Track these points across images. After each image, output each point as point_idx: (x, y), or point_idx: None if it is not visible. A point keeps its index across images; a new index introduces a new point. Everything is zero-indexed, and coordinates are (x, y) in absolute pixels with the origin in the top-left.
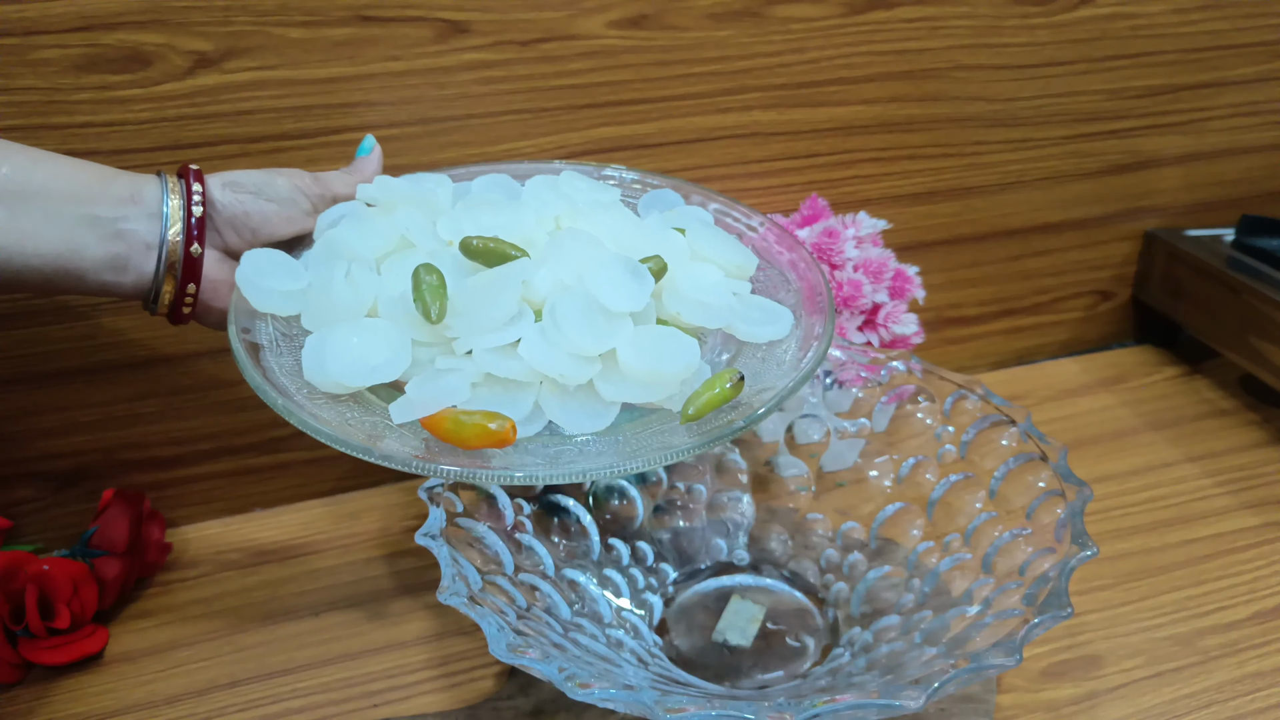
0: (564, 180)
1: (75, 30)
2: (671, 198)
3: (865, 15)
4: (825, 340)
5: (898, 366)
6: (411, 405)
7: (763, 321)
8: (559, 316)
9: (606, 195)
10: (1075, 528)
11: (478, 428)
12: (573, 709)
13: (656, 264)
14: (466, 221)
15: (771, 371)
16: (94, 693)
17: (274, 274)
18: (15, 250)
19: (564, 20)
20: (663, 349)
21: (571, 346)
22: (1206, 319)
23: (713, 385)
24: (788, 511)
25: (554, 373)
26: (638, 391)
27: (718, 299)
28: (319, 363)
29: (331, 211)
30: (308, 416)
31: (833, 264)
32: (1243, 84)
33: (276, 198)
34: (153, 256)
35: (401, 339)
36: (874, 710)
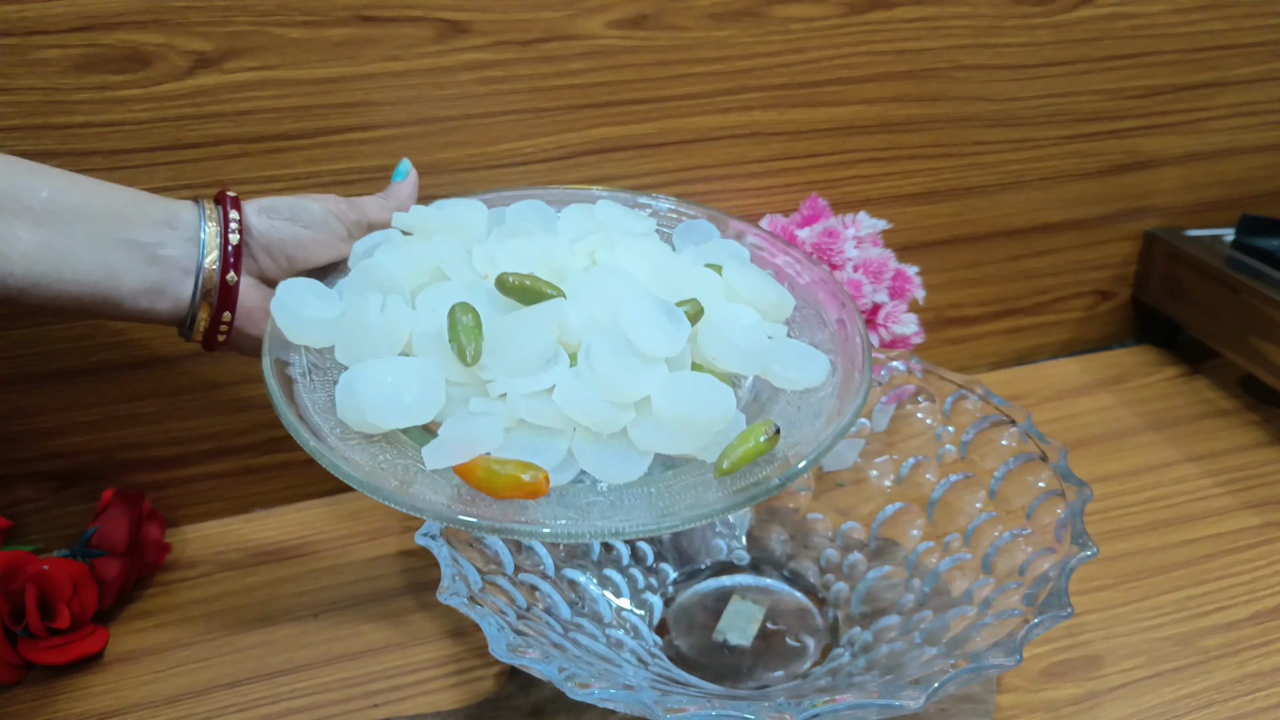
0: (599, 209)
1: (75, 30)
2: (707, 229)
3: (865, 15)
4: (863, 392)
5: (898, 366)
6: (445, 451)
7: (798, 367)
8: (594, 360)
9: (641, 225)
10: (1075, 528)
11: (511, 479)
12: (573, 709)
13: (693, 307)
14: (501, 252)
15: (807, 421)
16: (94, 693)
17: (309, 303)
18: (53, 274)
19: (564, 20)
20: (698, 396)
21: (606, 391)
22: (1206, 319)
23: (748, 438)
24: (788, 511)
25: (588, 421)
26: (672, 441)
27: (754, 343)
28: (352, 401)
29: (367, 239)
30: (339, 461)
31: (833, 264)
32: (1243, 84)
33: (312, 223)
34: (189, 283)
35: (435, 378)
36: (874, 710)
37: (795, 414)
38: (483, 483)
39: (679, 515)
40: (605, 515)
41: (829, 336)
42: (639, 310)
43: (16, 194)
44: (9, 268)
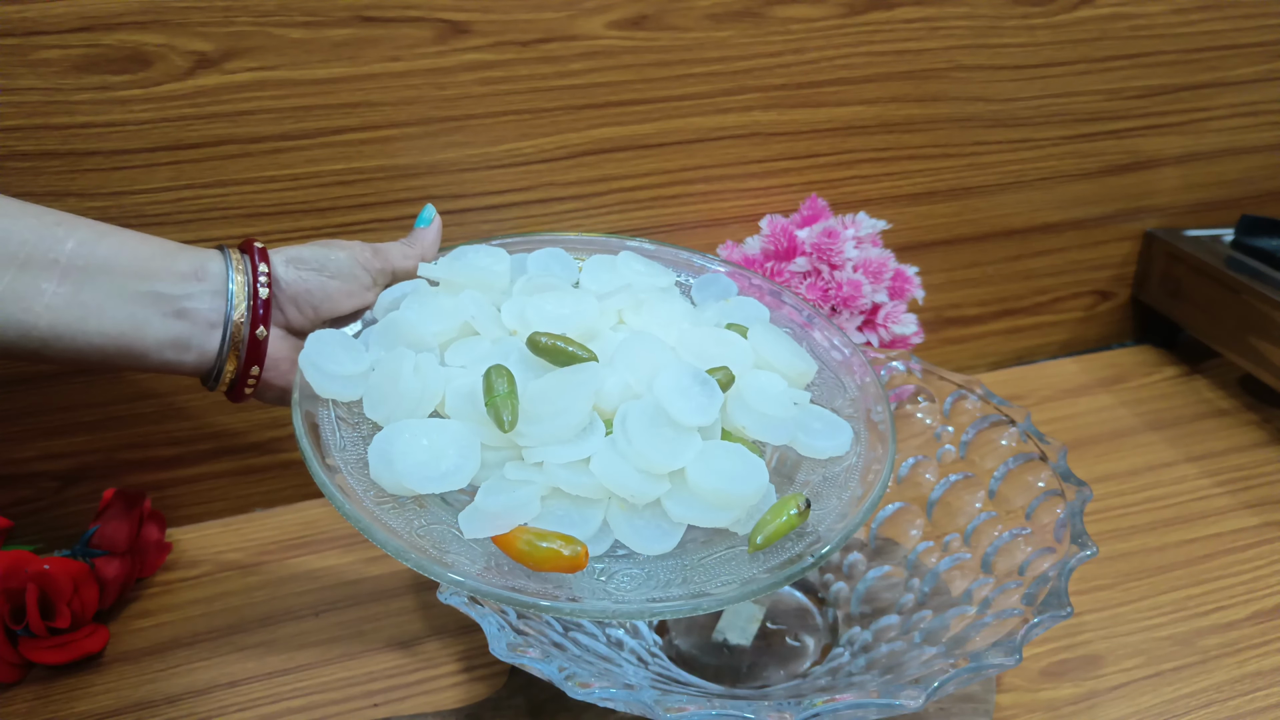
0: (622, 262)
1: (76, 31)
2: (726, 284)
3: (865, 15)
4: (887, 468)
5: (897, 366)
6: (483, 521)
7: (824, 436)
8: (630, 430)
9: (663, 279)
10: (1075, 527)
11: (552, 553)
12: (573, 709)
13: (724, 375)
14: (530, 309)
15: (833, 491)
16: (94, 692)
17: (338, 358)
18: (78, 326)
19: (564, 21)
20: (732, 470)
21: (642, 462)
22: (1206, 319)
23: (780, 512)
24: None
25: (625, 492)
26: (706, 514)
27: (783, 412)
28: (387, 464)
29: (393, 290)
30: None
31: (832, 264)
32: (1243, 84)
33: (339, 274)
34: (216, 335)
35: (472, 444)
36: (874, 710)
37: (820, 483)
38: (523, 555)
39: (717, 596)
40: (641, 592)
41: (849, 402)
42: (673, 379)
43: (43, 246)
44: (34, 320)
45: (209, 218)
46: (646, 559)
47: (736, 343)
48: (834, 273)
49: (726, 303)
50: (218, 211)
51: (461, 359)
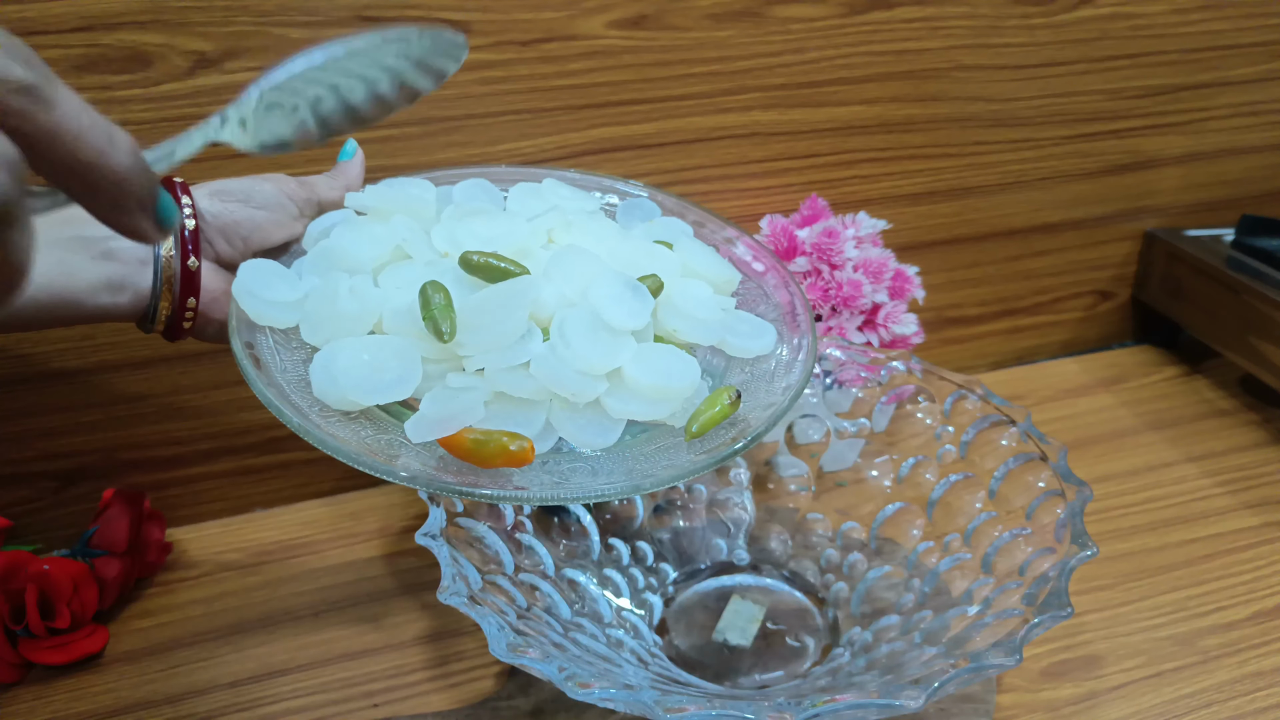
0: (547, 188)
1: (76, 30)
2: (649, 207)
3: (865, 15)
4: (810, 356)
5: (898, 366)
6: (430, 425)
7: (750, 336)
8: (568, 334)
9: (589, 203)
10: (1075, 528)
11: (498, 447)
12: (573, 709)
13: (654, 282)
14: (461, 231)
15: (761, 386)
16: (94, 693)
17: (272, 285)
18: None
19: (564, 20)
20: (667, 366)
21: (581, 364)
22: (1206, 319)
23: (713, 403)
24: (788, 511)
25: (565, 391)
26: (644, 408)
27: (710, 315)
28: (330, 380)
29: (322, 219)
30: (326, 437)
31: (833, 264)
32: (1243, 84)
33: (265, 204)
34: (148, 272)
35: (412, 355)
36: (874, 710)
37: (750, 380)
38: (470, 453)
39: (656, 477)
40: (586, 478)
41: (772, 307)
42: (606, 287)
43: None
44: None
45: None
46: (590, 455)
47: (664, 254)
48: (834, 273)
49: (651, 223)
50: None
51: (396, 282)
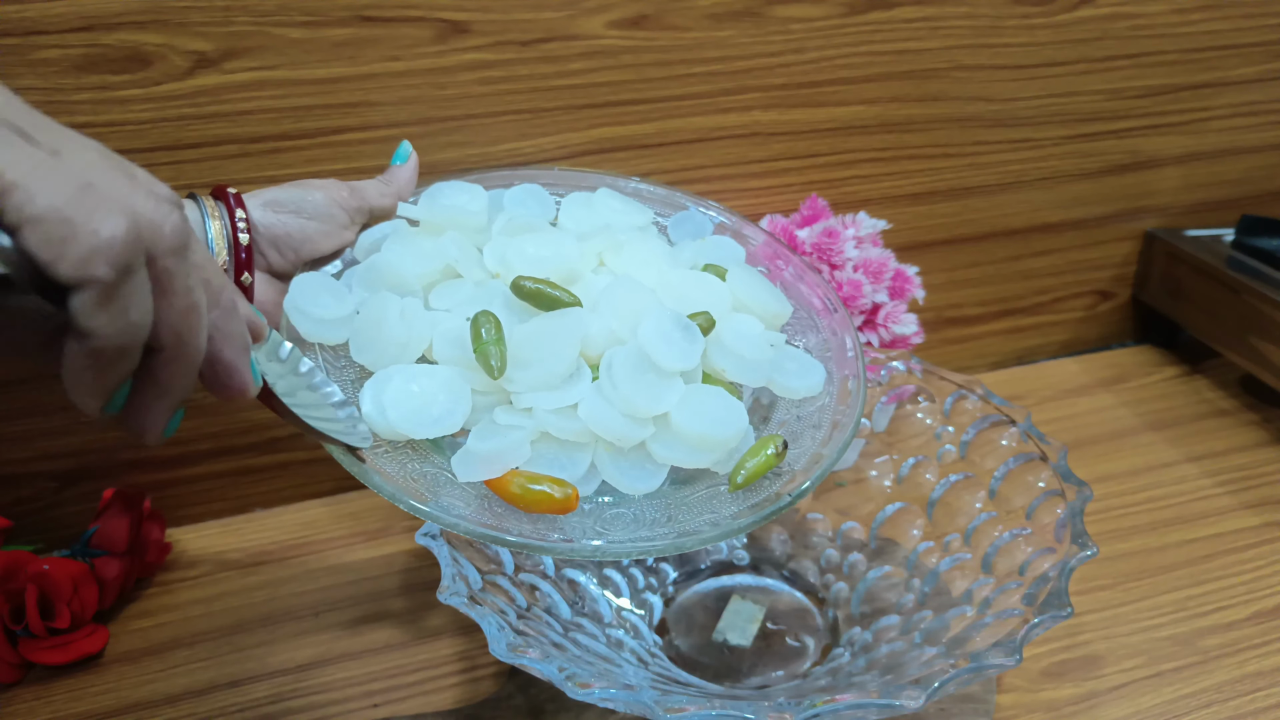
0: (599, 200)
1: (76, 30)
2: (701, 222)
3: (865, 15)
4: (860, 401)
5: (898, 366)
6: (477, 465)
7: (799, 377)
8: (616, 376)
9: (640, 217)
10: (1075, 527)
11: (543, 495)
12: (573, 709)
13: (705, 320)
14: (512, 252)
15: (807, 431)
16: (94, 693)
17: (321, 301)
18: None
19: (564, 20)
20: (714, 413)
21: (627, 407)
22: (1206, 319)
23: (757, 452)
24: (788, 511)
25: (611, 436)
26: (689, 455)
27: (759, 354)
28: (379, 410)
29: (374, 230)
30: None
31: (833, 264)
32: (1243, 84)
33: (316, 215)
34: None
35: (461, 388)
36: (874, 710)
37: (795, 423)
38: (515, 498)
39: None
40: (629, 527)
41: (821, 342)
42: (656, 325)
43: None
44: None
45: None
46: (632, 499)
47: (715, 286)
48: (834, 273)
49: (702, 242)
50: None
51: (446, 302)
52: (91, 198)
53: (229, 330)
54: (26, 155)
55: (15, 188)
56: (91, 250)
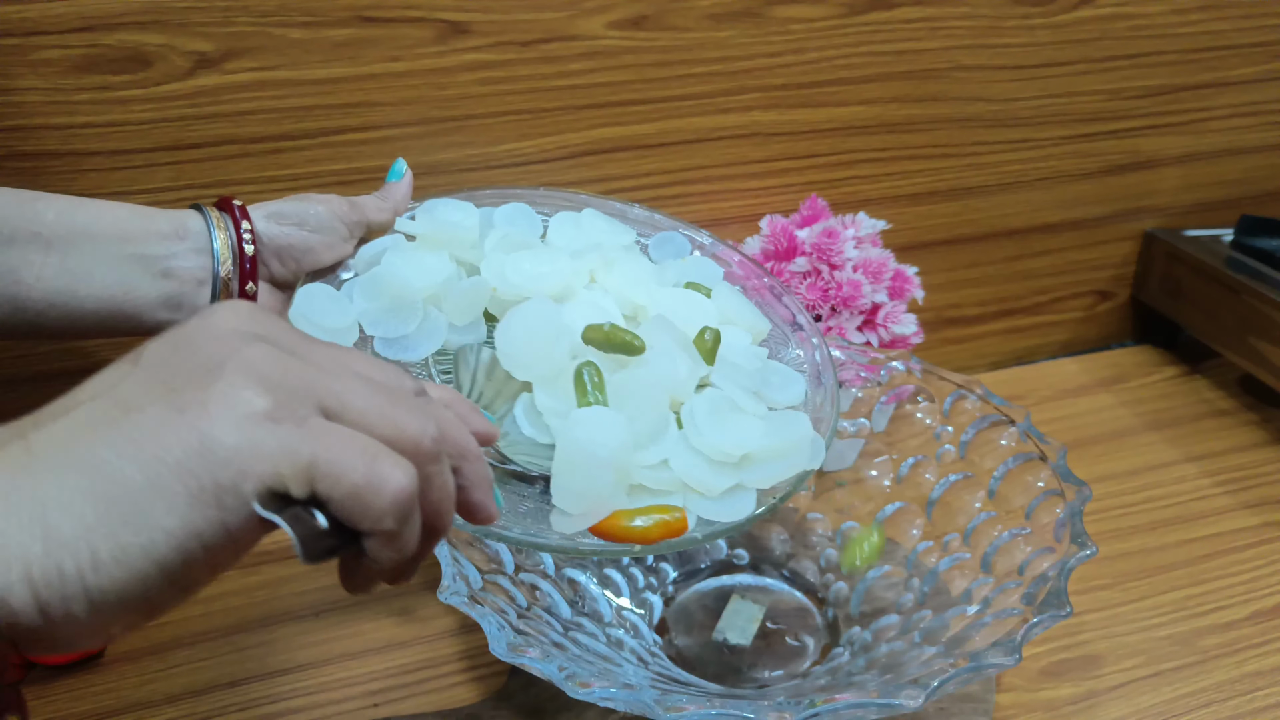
0: (586, 220)
1: (76, 31)
2: (680, 243)
3: (865, 15)
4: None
5: (897, 366)
6: (578, 519)
7: (782, 389)
8: (699, 423)
9: (624, 237)
10: (1074, 527)
11: (661, 525)
12: (573, 708)
13: (714, 336)
14: (509, 268)
15: None
16: (94, 692)
17: (327, 311)
18: (69, 293)
19: (564, 21)
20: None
21: (717, 453)
22: (1206, 319)
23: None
24: (787, 511)
25: (705, 487)
26: (776, 471)
27: (752, 364)
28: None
29: (373, 246)
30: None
31: (832, 264)
32: (1243, 84)
33: (319, 227)
34: (205, 292)
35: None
36: (874, 709)
37: None
38: (633, 532)
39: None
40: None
41: (796, 356)
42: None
43: (24, 220)
44: (27, 292)
45: None
46: None
47: (703, 302)
48: (834, 273)
49: (684, 261)
50: None
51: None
52: (380, 462)
53: (476, 477)
54: (300, 428)
55: (316, 464)
56: (383, 511)
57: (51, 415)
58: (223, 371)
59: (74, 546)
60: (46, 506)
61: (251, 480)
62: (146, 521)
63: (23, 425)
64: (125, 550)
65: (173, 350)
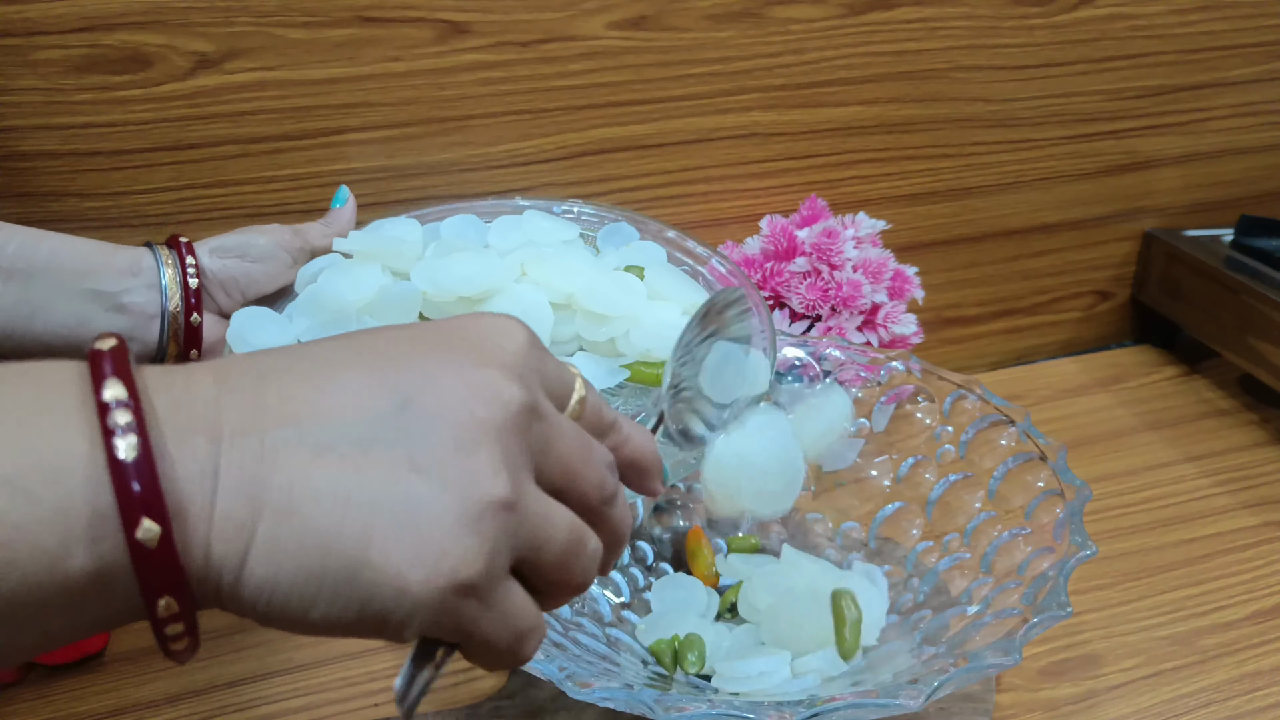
0: (527, 220)
1: (76, 31)
2: (628, 232)
3: (865, 16)
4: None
5: (897, 366)
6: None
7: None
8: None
9: (567, 232)
10: (1074, 527)
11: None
12: (573, 708)
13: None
14: (439, 271)
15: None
16: (94, 692)
17: (263, 329)
18: (27, 326)
19: (564, 21)
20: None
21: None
22: (1205, 319)
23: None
24: (787, 511)
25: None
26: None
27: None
28: None
29: (310, 265)
30: None
31: (832, 264)
32: (1242, 84)
33: (260, 257)
34: (155, 326)
35: None
36: (874, 709)
37: None
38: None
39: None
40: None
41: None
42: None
43: None
44: None
45: (209, 218)
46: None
47: (631, 281)
48: (834, 273)
49: (627, 248)
50: (218, 212)
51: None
52: (524, 642)
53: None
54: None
55: (475, 634)
56: (503, 666)
57: (301, 417)
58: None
59: (259, 588)
60: (254, 542)
61: (395, 627)
62: (324, 603)
63: (267, 402)
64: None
65: (436, 433)
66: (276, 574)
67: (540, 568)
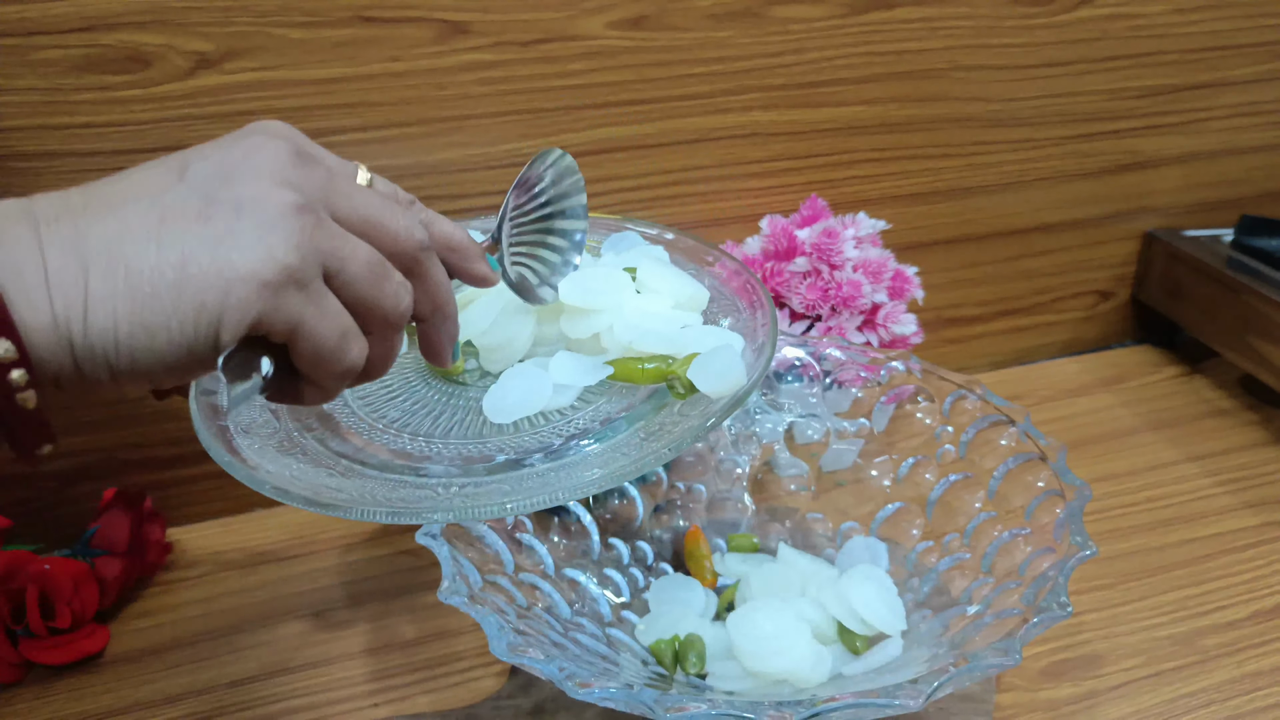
0: None
1: (76, 31)
2: (632, 239)
3: (865, 15)
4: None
5: (897, 366)
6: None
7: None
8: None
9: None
10: (1074, 527)
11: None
12: (573, 708)
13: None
14: None
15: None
16: (94, 692)
17: None
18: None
19: (564, 21)
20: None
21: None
22: (1206, 319)
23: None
24: (788, 511)
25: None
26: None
27: (664, 327)
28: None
29: None
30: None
31: (832, 264)
32: (1243, 84)
33: None
34: None
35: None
36: (874, 710)
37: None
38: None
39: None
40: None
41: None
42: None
43: None
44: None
45: None
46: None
47: (618, 276)
48: (834, 273)
49: (629, 252)
50: None
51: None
52: (348, 341)
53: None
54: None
55: (302, 324)
56: (332, 376)
57: (101, 203)
58: (258, 207)
59: (104, 333)
60: (89, 294)
61: (231, 326)
62: (163, 328)
63: (71, 203)
64: (145, 347)
65: (218, 178)
66: (114, 315)
67: (349, 283)
